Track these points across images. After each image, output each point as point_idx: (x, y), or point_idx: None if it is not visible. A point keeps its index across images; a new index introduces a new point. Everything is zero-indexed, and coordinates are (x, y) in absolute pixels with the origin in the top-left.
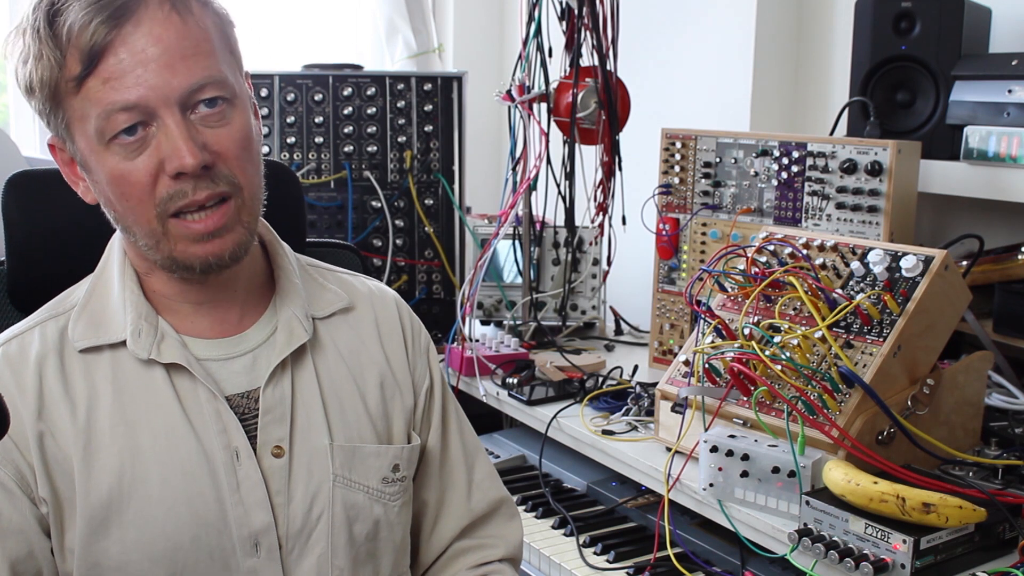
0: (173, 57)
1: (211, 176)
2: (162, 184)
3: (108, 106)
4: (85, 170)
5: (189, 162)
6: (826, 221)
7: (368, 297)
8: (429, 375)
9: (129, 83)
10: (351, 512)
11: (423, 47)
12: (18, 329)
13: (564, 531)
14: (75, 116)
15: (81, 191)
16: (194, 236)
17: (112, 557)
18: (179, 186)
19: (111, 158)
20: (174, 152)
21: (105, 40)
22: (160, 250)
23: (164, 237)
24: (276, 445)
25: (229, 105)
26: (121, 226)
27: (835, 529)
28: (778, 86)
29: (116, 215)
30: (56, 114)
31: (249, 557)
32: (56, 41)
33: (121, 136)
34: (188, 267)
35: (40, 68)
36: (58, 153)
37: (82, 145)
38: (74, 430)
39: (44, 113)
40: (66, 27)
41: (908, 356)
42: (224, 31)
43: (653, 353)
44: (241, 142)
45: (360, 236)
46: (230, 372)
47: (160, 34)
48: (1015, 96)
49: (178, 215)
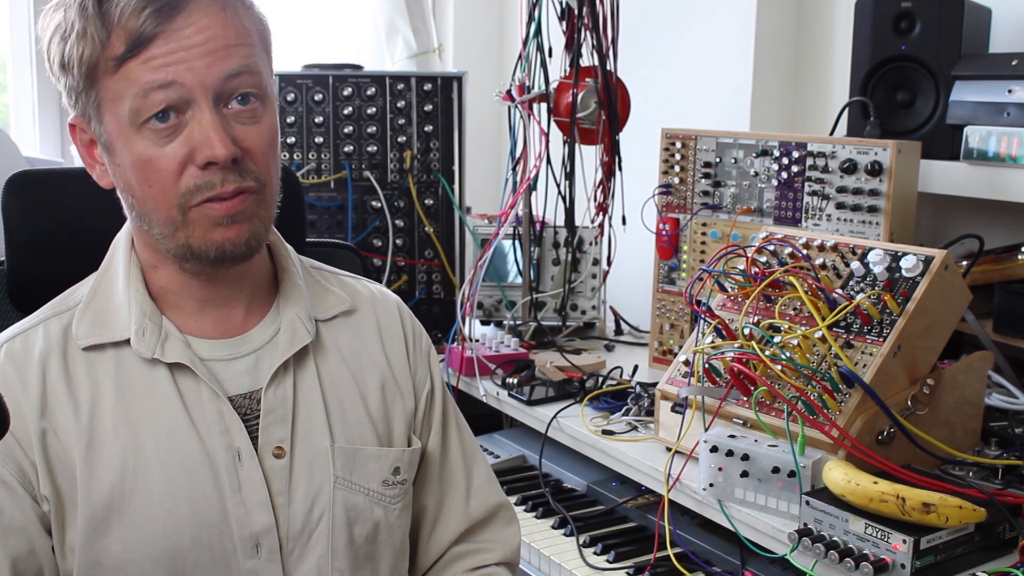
0: (216, 45)
1: (239, 170)
2: (189, 174)
3: (146, 84)
4: (108, 153)
5: (221, 152)
6: (826, 221)
7: (370, 300)
8: (430, 379)
9: (171, 62)
10: (351, 514)
11: (423, 47)
12: (22, 326)
13: (564, 531)
14: (109, 96)
15: (97, 174)
16: (214, 219)
17: (113, 556)
18: (207, 177)
19: (140, 142)
20: (206, 141)
21: (155, 29)
22: (176, 238)
23: (183, 225)
24: (277, 446)
25: (261, 104)
26: (137, 212)
27: (835, 529)
28: (778, 86)
29: (134, 201)
30: (89, 93)
31: (250, 558)
32: (104, 20)
33: (153, 121)
34: (203, 255)
35: (81, 45)
36: (78, 134)
37: (111, 127)
38: (77, 428)
39: (76, 91)
40: (118, 9)
41: (908, 356)
42: (263, 34)
43: (653, 353)
44: (270, 141)
45: (360, 236)
46: (233, 372)
47: (207, 24)
48: (1015, 96)
49: (198, 204)
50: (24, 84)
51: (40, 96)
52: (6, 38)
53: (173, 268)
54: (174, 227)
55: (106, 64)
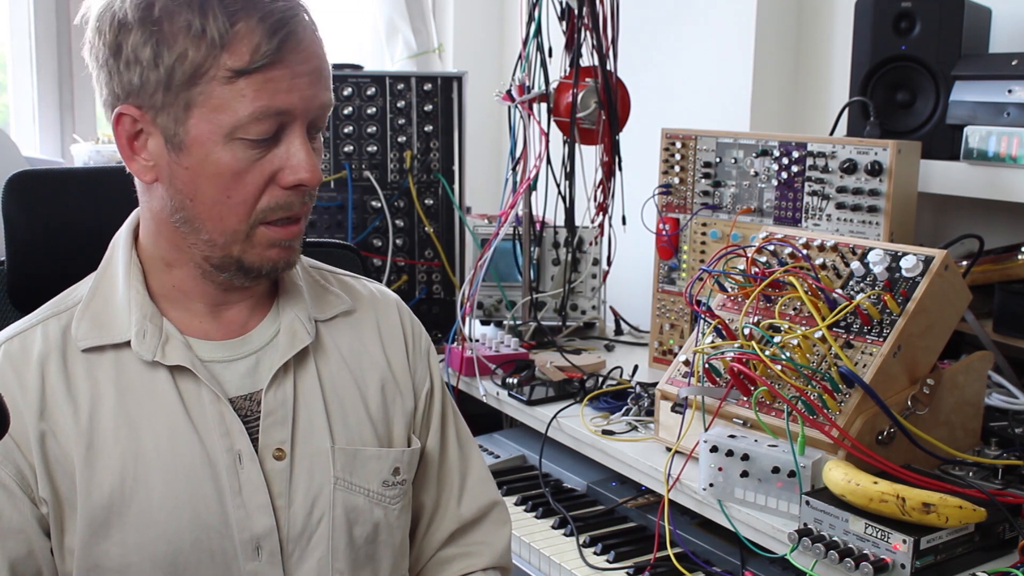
0: (319, 75)
1: (308, 195)
2: (271, 193)
3: (262, 109)
4: (174, 152)
5: (313, 179)
6: (826, 221)
7: (370, 300)
8: (429, 378)
9: (285, 89)
10: (351, 515)
11: (423, 47)
12: (20, 327)
13: (564, 531)
14: (211, 102)
15: (138, 167)
16: (275, 241)
17: (112, 559)
18: (288, 198)
19: (228, 153)
20: (300, 166)
21: (279, 53)
22: (228, 249)
23: (244, 240)
24: (278, 448)
25: (321, 138)
26: (186, 215)
27: (835, 529)
28: (778, 86)
29: (191, 204)
30: (180, 91)
31: (250, 561)
32: (232, 27)
33: (248, 137)
34: (253, 270)
35: (194, 45)
36: (126, 124)
37: (197, 130)
38: (76, 431)
39: (159, 84)
40: (250, 21)
41: (908, 356)
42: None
43: (653, 353)
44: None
45: (360, 236)
46: (233, 374)
47: (314, 53)
48: (1015, 96)
49: (267, 222)
50: (24, 84)
51: (40, 96)
52: (6, 38)
53: (192, 270)
54: (233, 240)
55: (218, 71)
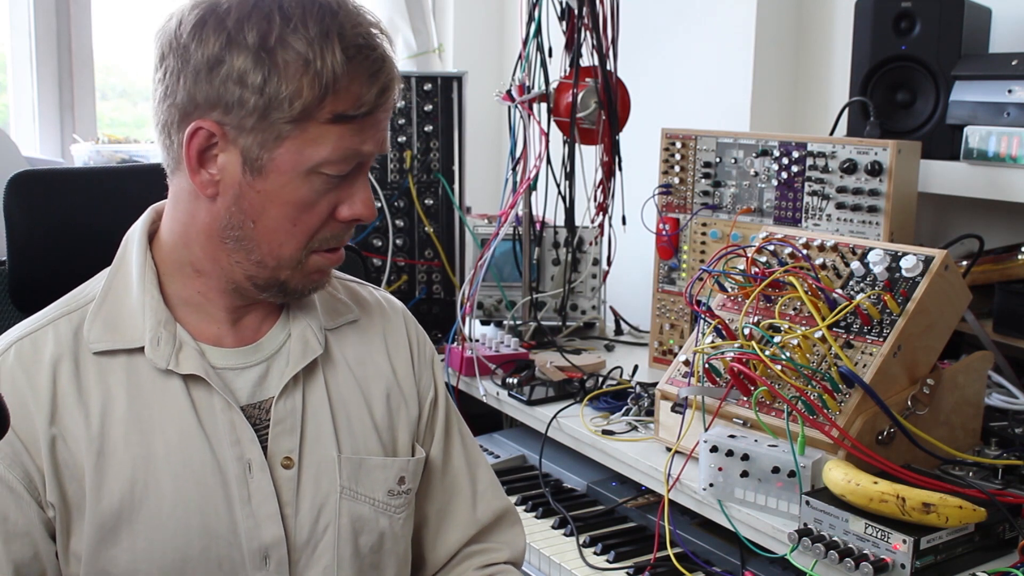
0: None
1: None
2: (331, 225)
3: (352, 152)
4: (252, 174)
5: (371, 215)
6: (826, 221)
7: (376, 308)
8: (433, 387)
9: (371, 136)
10: (357, 524)
11: (423, 47)
12: (31, 326)
13: (564, 531)
14: (307, 137)
15: (202, 181)
16: (321, 266)
17: (120, 565)
18: (344, 230)
19: (306, 185)
20: (364, 204)
21: (374, 104)
22: (276, 272)
23: (297, 265)
24: (286, 456)
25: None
26: (242, 234)
27: (835, 529)
28: (778, 86)
29: (253, 226)
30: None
31: (258, 570)
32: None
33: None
34: (294, 292)
35: (309, 85)
36: (201, 138)
37: (283, 160)
38: (87, 436)
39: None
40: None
41: (908, 356)
42: None
43: (653, 353)
44: None
45: (360, 236)
46: (245, 382)
47: (395, 101)
48: (1015, 96)
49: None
50: (24, 84)
51: (40, 96)
52: (6, 38)
53: (222, 282)
54: (285, 264)
55: (322, 113)
